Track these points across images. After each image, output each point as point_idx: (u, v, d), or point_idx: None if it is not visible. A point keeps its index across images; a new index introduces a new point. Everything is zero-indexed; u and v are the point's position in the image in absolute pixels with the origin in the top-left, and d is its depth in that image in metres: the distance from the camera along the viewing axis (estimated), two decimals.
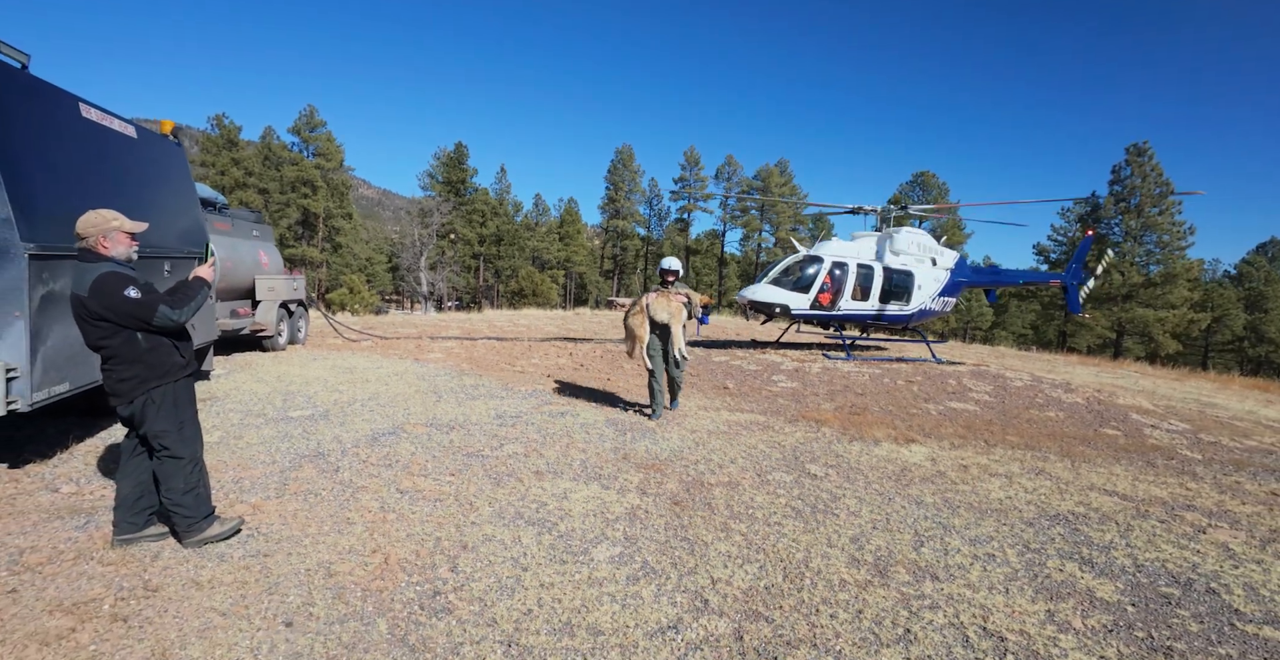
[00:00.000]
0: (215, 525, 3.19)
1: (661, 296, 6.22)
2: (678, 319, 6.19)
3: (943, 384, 9.47)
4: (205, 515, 3.14)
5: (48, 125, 4.15)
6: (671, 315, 6.16)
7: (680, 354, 6.28)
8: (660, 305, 6.17)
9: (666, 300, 6.18)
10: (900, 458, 5.53)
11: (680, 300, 6.22)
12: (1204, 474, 5.91)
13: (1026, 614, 2.93)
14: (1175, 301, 33.34)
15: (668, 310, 6.15)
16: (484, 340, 12.55)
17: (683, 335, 6.26)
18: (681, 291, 6.28)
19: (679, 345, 6.23)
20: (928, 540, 3.71)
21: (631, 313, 6.36)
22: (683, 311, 6.24)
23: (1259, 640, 2.84)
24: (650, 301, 6.22)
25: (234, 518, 3.35)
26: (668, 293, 6.24)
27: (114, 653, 2.32)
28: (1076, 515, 4.35)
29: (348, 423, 5.70)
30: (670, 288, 6.32)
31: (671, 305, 6.17)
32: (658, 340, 6.28)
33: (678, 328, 6.19)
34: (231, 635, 2.46)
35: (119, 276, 2.91)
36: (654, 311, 6.17)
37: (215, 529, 3.18)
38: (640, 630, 2.63)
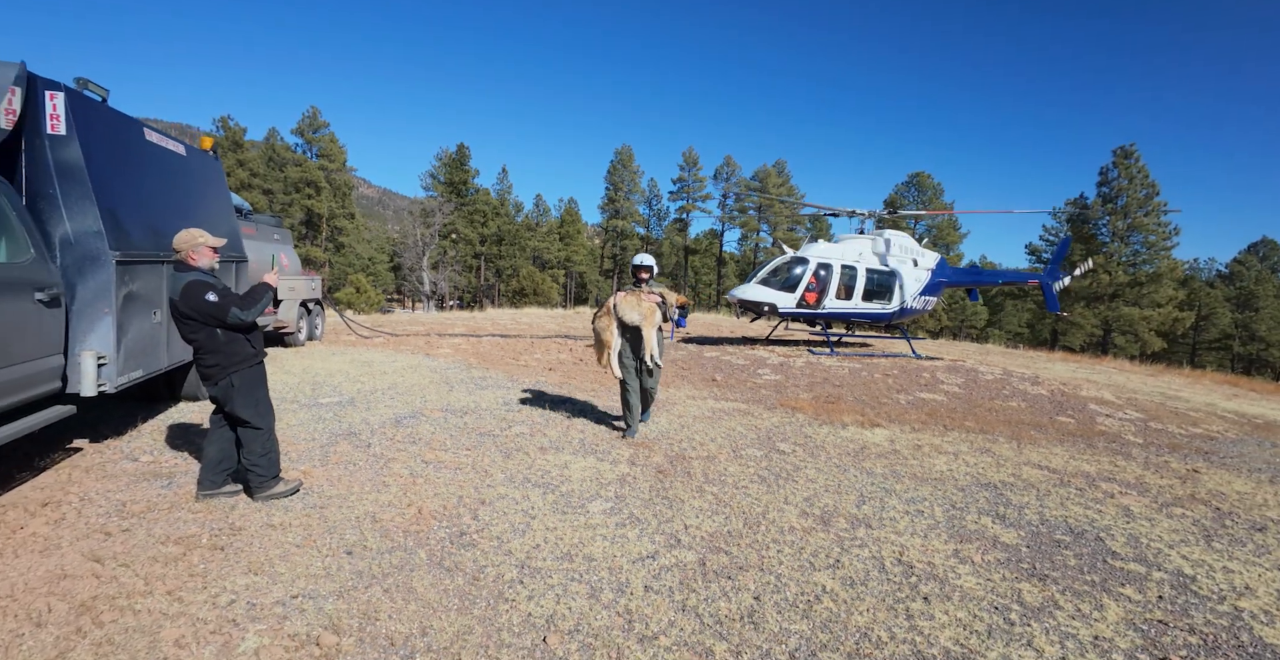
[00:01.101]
0: (280, 485, 3.89)
1: (632, 296, 5.60)
2: (650, 321, 5.57)
3: (916, 377, 10.18)
4: (274, 476, 3.85)
5: (122, 150, 4.85)
6: (643, 317, 5.54)
7: (653, 361, 5.61)
8: (630, 306, 5.55)
9: (637, 301, 5.56)
10: (862, 439, 6.24)
11: (653, 300, 5.59)
12: (1137, 454, 6.62)
13: (936, 551, 3.64)
14: (1160, 300, 34.13)
15: (638, 311, 5.53)
16: (489, 337, 13.26)
17: (656, 340, 5.66)
18: (655, 291, 5.66)
19: (651, 351, 5.58)
20: (869, 500, 4.42)
21: (598, 315, 5.76)
22: (656, 313, 5.59)
23: (1122, 571, 3.55)
24: (619, 302, 5.61)
25: (295, 480, 4.05)
26: (639, 293, 5.62)
27: (220, 569, 3.03)
28: (1005, 484, 5.05)
29: (372, 408, 6.40)
30: (643, 287, 5.72)
31: (643, 306, 5.54)
32: (628, 345, 5.68)
33: (650, 331, 5.57)
34: (306, 558, 3.17)
35: (202, 283, 3.61)
36: (623, 313, 5.56)
37: (280, 488, 3.88)
38: (625, 558, 3.34)
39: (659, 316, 5.63)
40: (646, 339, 5.57)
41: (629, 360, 5.71)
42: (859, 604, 3.00)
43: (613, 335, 5.62)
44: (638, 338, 5.63)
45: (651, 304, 5.59)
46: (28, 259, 3.84)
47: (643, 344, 5.61)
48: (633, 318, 5.56)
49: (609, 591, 3.00)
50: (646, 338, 5.57)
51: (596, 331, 5.78)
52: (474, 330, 14.77)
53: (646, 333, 5.56)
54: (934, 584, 3.24)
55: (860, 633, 2.76)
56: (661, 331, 5.80)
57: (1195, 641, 2.88)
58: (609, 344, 5.65)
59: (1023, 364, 14.51)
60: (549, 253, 60.83)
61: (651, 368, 5.69)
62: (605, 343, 5.67)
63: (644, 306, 5.56)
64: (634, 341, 5.67)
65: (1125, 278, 34.60)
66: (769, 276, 12.64)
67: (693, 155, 59.07)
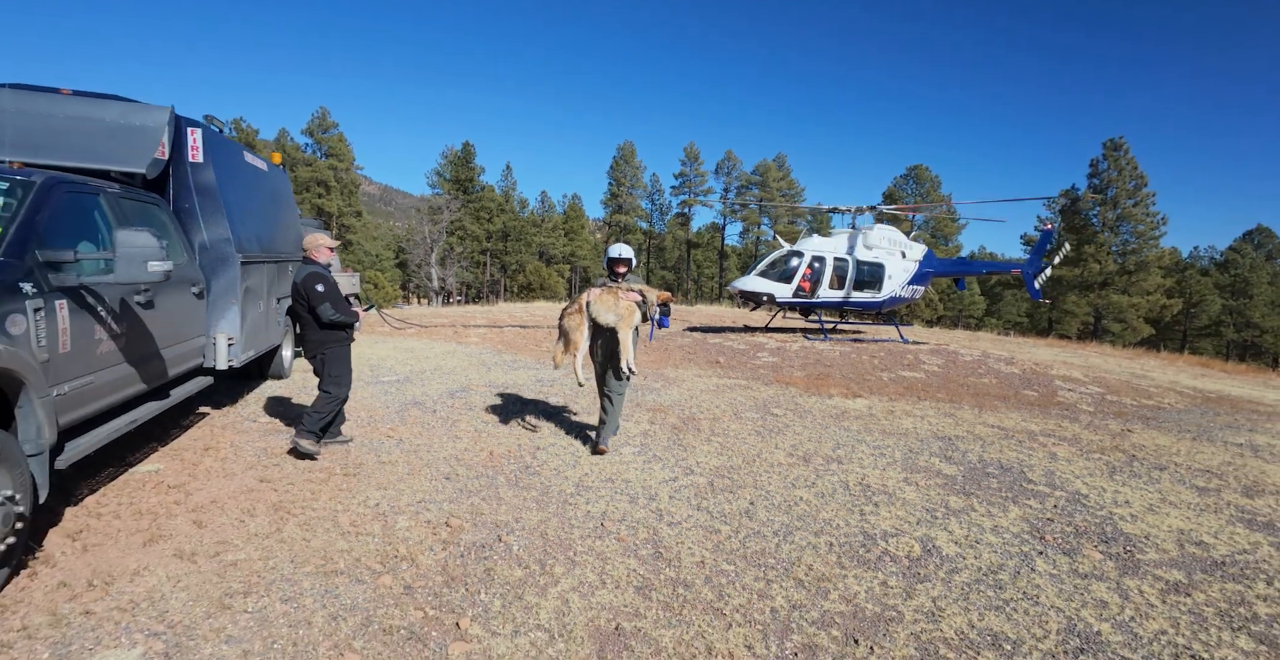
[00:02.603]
0: (310, 442, 4.68)
1: (609, 294, 4.88)
2: (627, 322, 4.83)
3: (900, 358, 11.26)
4: (313, 431, 4.77)
5: (235, 171, 5.93)
6: (620, 317, 4.83)
7: (628, 367, 4.89)
8: (606, 305, 4.84)
9: (615, 299, 4.86)
10: (844, 406, 7.33)
11: (632, 298, 4.88)
12: (1083, 419, 7.69)
13: (890, 478, 4.74)
14: (1149, 288, 35.13)
15: (615, 311, 4.83)
16: (510, 328, 14.37)
17: (633, 344, 4.93)
18: (634, 287, 4.97)
19: (627, 357, 4.85)
20: (842, 446, 5.52)
21: (568, 311, 5.02)
22: (635, 313, 4.86)
23: (1031, 490, 4.64)
24: (593, 300, 4.88)
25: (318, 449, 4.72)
26: (616, 289, 4.91)
27: (357, 487, 4.14)
28: (958, 437, 6.15)
29: (427, 385, 7.51)
30: (620, 282, 5.05)
31: (621, 305, 4.84)
32: (600, 348, 5.05)
33: (627, 335, 4.83)
34: (417, 481, 4.28)
35: (317, 275, 4.69)
36: (597, 313, 4.84)
37: (308, 445, 4.67)
38: (653, 481, 4.45)
39: (638, 317, 4.92)
40: (623, 343, 4.83)
41: (597, 364, 5.11)
42: (826, 506, 4.11)
43: (582, 336, 4.94)
44: (613, 341, 4.92)
45: (630, 303, 4.87)
46: (184, 261, 4.94)
47: (618, 348, 4.87)
48: (608, 319, 4.85)
49: (643, 499, 4.11)
50: (623, 342, 4.83)
51: (564, 329, 5.03)
52: (494, 322, 15.88)
53: (623, 336, 4.82)
54: (884, 496, 4.34)
55: (825, 522, 3.87)
56: (637, 332, 5.11)
57: (1070, 530, 3.98)
58: (576, 345, 4.97)
59: (1006, 348, 15.56)
60: (554, 248, 61.90)
61: (625, 373, 4.95)
62: (573, 343, 4.98)
63: (622, 306, 4.84)
64: (608, 345, 4.98)
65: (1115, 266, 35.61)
66: (767, 269, 13.70)
67: (694, 150, 59.97)
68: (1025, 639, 2.74)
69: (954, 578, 3.26)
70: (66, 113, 4.72)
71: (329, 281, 4.75)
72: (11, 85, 4.73)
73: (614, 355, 4.98)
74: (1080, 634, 2.80)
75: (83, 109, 4.78)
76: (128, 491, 3.87)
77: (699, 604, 2.89)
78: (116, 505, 3.65)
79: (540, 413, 6.34)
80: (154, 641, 2.42)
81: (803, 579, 3.16)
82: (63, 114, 4.71)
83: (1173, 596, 3.21)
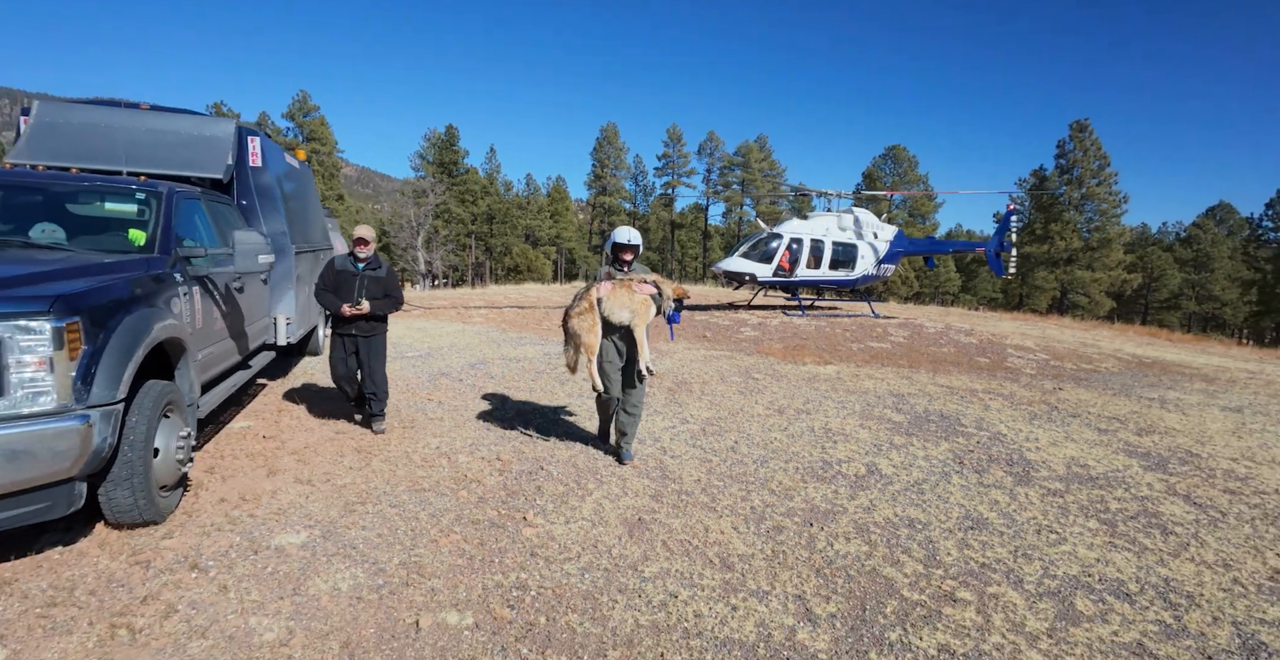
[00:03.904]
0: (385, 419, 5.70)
1: (621, 288, 4.39)
2: (643, 318, 4.38)
3: (870, 331, 12.37)
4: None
5: (283, 170, 6.74)
6: (635, 314, 4.36)
7: (646, 368, 4.46)
8: (619, 301, 4.36)
9: (629, 294, 4.38)
10: (816, 371, 8.40)
11: (647, 291, 4.40)
12: (1023, 380, 8.84)
13: (848, 424, 5.80)
14: (1110, 263, 36.83)
15: (630, 307, 4.36)
16: (509, 308, 15.25)
17: (647, 341, 4.46)
18: (647, 278, 4.47)
19: (644, 357, 4.43)
20: (811, 402, 6.58)
21: (576, 311, 4.45)
22: (650, 308, 4.41)
23: (961, 431, 5.73)
24: (605, 296, 4.38)
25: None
26: (628, 282, 4.42)
27: (418, 436, 5.09)
28: (910, 394, 7.24)
29: (447, 359, 8.43)
30: (629, 272, 4.54)
31: (635, 300, 4.37)
32: (615, 348, 4.50)
33: (642, 332, 4.40)
34: (463, 432, 5.24)
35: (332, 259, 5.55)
36: (610, 311, 4.36)
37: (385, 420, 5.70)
38: (655, 428, 5.46)
39: (653, 312, 4.45)
40: (639, 342, 4.39)
41: (611, 367, 4.54)
42: (794, 444, 5.15)
43: (596, 338, 4.39)
44: (626, 340, 4.49)
45: (646, 297, 4.40)
46: None
47: (635, 348, 4.44)
48: (622, 316, 4.37)
49: (650, 441, 5.12)
50: (639, 340, 4.39)
51: (573, 332, 4.47)
52: (492, 303, 16.73)
53: (639, 334, 4.39)
54: (841, 436, 5.41)
55: (793, 454, 4.91)
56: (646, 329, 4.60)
57: (984, 458, 5.07)
58: (591, 348, 4.40)
59: (969, 322, 16.77)
60: (540, 230, 62.28)
61: (642, 374, 4.51)
62: (587, 347, 4.41)
63: (637, 301, 4.38)
64: (622, 344, 4.53)
65: (1080, 243, 37.22)
66: (749, 250, 14.70)
67: (677, 131, 60.36)
68: (932, 522, 3.80)
69: (888, 488, 4.32)
70: (147, 126, 5.52)
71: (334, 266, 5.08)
72: (97, 100, 5.51)
73: (628, 356, 4.52)
74: (972, 518, 3.88)
75: (160, 122, 5.58)
76: (233, 442, 4.79)
77: (697, 504, 3.91)
78: (230, 451, 4.58)
79: (555, 379, 7.32)
80: (311, 530, 3.39)
81: (774, 489, 4.20)
82: (144, 127, 5.50)
83: (1049, 498, 4.30)
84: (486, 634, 2.57)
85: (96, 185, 4.18)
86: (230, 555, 3.08)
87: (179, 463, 3.58)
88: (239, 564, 3.01)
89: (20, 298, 2.71)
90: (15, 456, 2.62)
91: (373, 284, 5.00)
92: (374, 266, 5.05)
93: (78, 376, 2.83)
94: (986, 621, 2.80)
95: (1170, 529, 3.92)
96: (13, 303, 2.68)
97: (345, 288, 4.95)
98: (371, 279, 5.01)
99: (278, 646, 2.43)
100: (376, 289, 5.01)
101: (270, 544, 3.21)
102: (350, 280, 4.95)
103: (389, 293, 5.11)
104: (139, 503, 3.18)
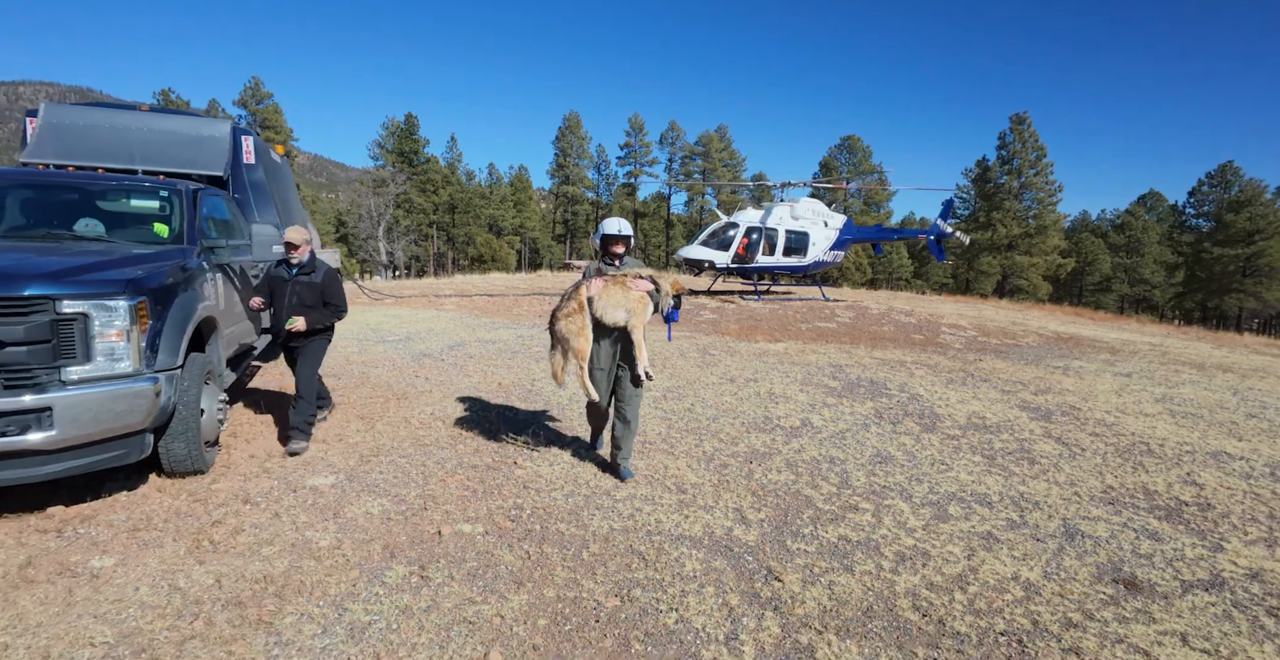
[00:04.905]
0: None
1: (615, 286, 3.98)
2: (640, 317, 3.99)
3: (819, 312, 13.36)
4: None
5: (271, 168, 7.20)
6: (631, 313, 3.97)
7: (644, 373, 4.06)
8: (614, 300, 3.96)
9: (623, 292, 3.97)
10: (767, 348, 9.28)
11: (643, 288, 4.00)
12: (949, 353, 9.90)
13: (790, 389, 6.68)
14: (1047, 249, 39.16)
15: (625, 306, 3.96)
16: (478, 297, 15.78)
17: (644, 342, 4.07)
18: (642, 274, 4.06)
19: (642, 361, 4.04)
20: (759, 372, 7.45)
21: (564, 313, 4.03)
22: (647, 306, 4.03)
23: (885, 393, 6.67)
24: (598, 295, 3.96)
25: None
26: (622, 278, 4.00)
27: (411, 404, 5.74)
28: (846, 365, 8.18)
29: (426, 342, 9.03)
30: (621, 267, 4.12)
31: (631, 298, 3.97)
32: (607, 351, 4.09)
33: (640, 333, 4.01)
34: (452, 402, 5.91)
35: None
36: (603, 311, 3.96)
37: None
38: None
39: (650, 311, 4.07)
40: (637, 344, 4.00)
41: (601, 374, 4.13)
42: (742, 404, 6.00)
43: (587, 341, 4.00)
44: (623, 341, 4.07)
45: (642, 294, 4.01)
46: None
47: (631, 350, 4.04)
48: (617, 317, 3.96)
49: None
50: (637, 343, 4.00)
51: (561, 335, 4.05)
52: (461, 292, 17.21)
53: (636, 336, 3.99)
54: (783, 399, 6.27)
55: (740, 412, 5.75)
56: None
57: (900, 412, 5.99)
58: (582, 353, 3.99)
59: (911, 304, 18.00)
60: (504, 220, 62.13)
61: (640, 377, 4.08)
62: (577, 352, 4.00)
63: (632, 299, 3.98)
64: (617, 346, 4.09)
65: (1019, 230, 39.42)
66: (708, 238, 15.53)
67: (639, 120, 60.76)
68: (849, 459, 4.68)
69: (817, 435, 5.19)
70: (150, 126, 5.97)
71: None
72: (100, 104, 5.94)
73: (624, 359, 4.09)
74: (882, 455, 4.77)
75: (162, 123, 6.04)
76: (245, 413, 5.37)
77: (659, 450, 4.71)
78: (245, 420, 5.17)
79: (530, 358, 8.01)
80: (337, 475, 4.05)
81: (723, 438, 5.03)
82: (147, 127, 5.96)
83: (947, 440, 5.24)
84: (494, 537, 3.31)
85: (126, 184, 4.70)
86: (274, 493, 3.74)
87: (219, 422, 4.20)
88: (284, 499, 3.67)
89: (99, 281, 3.31)
90: (103, 411, 3.23)
91: (306, 291, 4.41)
92: (307, 271, 4.45)
93: (146, 346, 3.44)
94: (878, 521, 3.67)
95: (1036, 460, 4.89)
96: (94, 285, 3.27)
97: (279, 296, 4.45)
98: (305, 285, 4.42)
99: (333, 549, 3.12)
100: (310, 296, 4.42)
101: (305, 485, 3.88)
102: (283, 288, 4.43)
103: (328, 300, 4.50)
104: (191, 453, 3.80)
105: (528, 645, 2.46)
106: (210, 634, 2.45)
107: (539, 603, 2.75)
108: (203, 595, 2.70)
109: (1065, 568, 3.24)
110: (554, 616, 2.66)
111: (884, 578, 3.05)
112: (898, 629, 2.66)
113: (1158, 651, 2.59)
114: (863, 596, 2.88)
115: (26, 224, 4.36)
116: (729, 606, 2.76)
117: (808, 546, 3.33)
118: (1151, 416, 6.41)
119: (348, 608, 2.64)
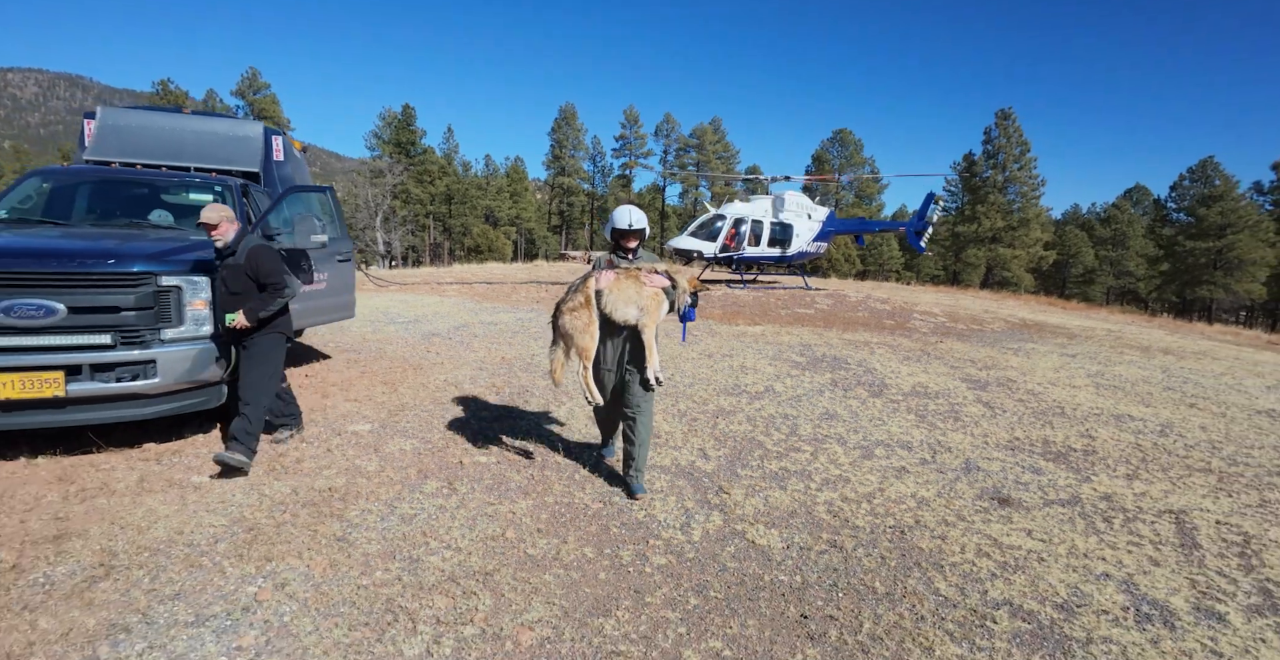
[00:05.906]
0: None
1: (628, 280, 3.67)
2: (653, 316, 3.70)
3: (800, 299, 14.23)
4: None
5: (296, 164, 7.98)
6: (644, 311, 3.67)
7: (655, 377, 3.72)
8: (625, 295, 3.66)
9: (636, 286, 3.67)
10: (746, 330, 10.15)
11: (659, 283, 3.72)
12: (915, 336, 10.77)
13: (760, 363, 7.54)
14: (1030, 242, 40.19)
15: (637, 303, 3.66)
16: (478, 284, 16.58)
17: (656, 344, 3.76)
18: (658, 268, 3.77)
19: (654, 365, 3.71)
20: (736, 350, 8.31)
21: (569, 307, 3.74)
22: (662, 304, 3.74)
23: (845, 367, 7.54)
24: (607, 289, 3.67)
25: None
26: (635, 272, 3.70)
27: (426, 374, 6.58)
28: (816, 344, 9.05)
29: (433, 324, 9.85)
30: (634, 261, 3.81)
31: (644, 294, 3.67)
32: (613, 351, 3.83)
33: (651, 333, 3.70)
34: (463, 371, 6.74)
35: None
36: (612, 307, 3.67)
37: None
38: None
39: (665, 309, 3.78)
40: (648, 345, 3.70)
41: (608, 374, 3.88)
42: (716, 375, 6.86)
43: (593, 339, 3.70)
44: (633, 341, 3.79)
45: (656, 290, 3.72)
46: None
47: (641, 351, 3.73)
48: (628, 314, 3.68)
49: None
50: (648, 344, 3.70)
51: (564, 331, 3.78)
52: (462, 280, 18.01)
53: (647, 336, 3.70)
54: (752, 370, 7.14)
55: (714, 381, 6.61)
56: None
57: (854, 381, 6.87)
58: (586, 352, 3.73)
59: (889, 293, 18.88)
60: (500, 210, 62.72)
61: (651, 382, 3.74)
62: (581, 350, 3.73)
63: (646, 295, 3.68)
64: (627, 346, 3.82)
65: (1003, 223, 40.43)
66: (697, 230, 16.36)
67: (634, 113, 61.31)
68: (800, 415, 5.55)
69: (777, 399, 6.06)
70: (194, 127, 6.74)
71: None
72: (148, 107, 6.70)
73: (633, 361, 3.79)
74: (829, 414, 5.65)
75: (202, 124, 6.81)
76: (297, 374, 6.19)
77: None
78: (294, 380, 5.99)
79: (530, 337, 8.86)
80: (371, 423, 4.90)
81: (695, 400, 5.89)
82: (191, 128, 6.73)
83: (889, 403, 6.12)
84: (505, 465, 4.17)
85: (187, 179, 5.50)
86: (323, 436, 4.59)
87: None
88: (332, 440, 4.52)
89: (188, 261, 4.12)
90: (193, 364, 4.06)
91: (231, 276, 3.90)
92: (230, 253, 3.94)
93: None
94: (814, 458, 4.54)
95: (961, 418, 5.77)
96: (185, 265, 4.09)
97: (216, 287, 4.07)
98: (230, 270, 3.90)
99: (379, 472, 3.98)
100: (236, 282, 3.89)
101: (347, 430, 4.73)
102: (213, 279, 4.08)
103: (261, 280, 3.88)
104: None
105: (533, 529, 3.33)
106: (298, 521, 3.30)
107: (541, 505, 3.61)
108: (285, 499, 3.55)
109: (955, 490, 4.12)
110: (552, 512, 3.53)
111: (809, 493, 3.92)
112: (812, 523, 3.53)
113: (1006, 540, 3.46)
114: (790, 504, 3.75)
115: (109, 213, 5.16)
116: (686, 508, 3.63)
117: (753, 473, 4.20)
118: (1077, 388, 7.30)
119: (397, 506, 3.50)
